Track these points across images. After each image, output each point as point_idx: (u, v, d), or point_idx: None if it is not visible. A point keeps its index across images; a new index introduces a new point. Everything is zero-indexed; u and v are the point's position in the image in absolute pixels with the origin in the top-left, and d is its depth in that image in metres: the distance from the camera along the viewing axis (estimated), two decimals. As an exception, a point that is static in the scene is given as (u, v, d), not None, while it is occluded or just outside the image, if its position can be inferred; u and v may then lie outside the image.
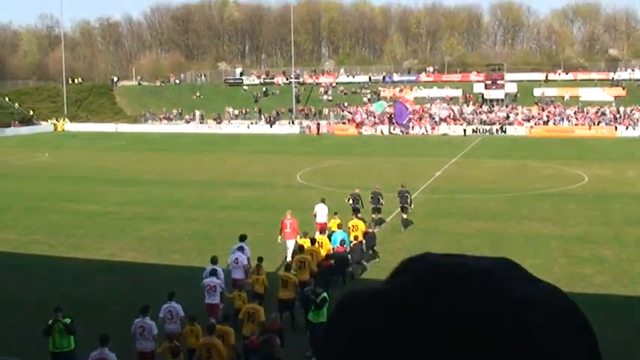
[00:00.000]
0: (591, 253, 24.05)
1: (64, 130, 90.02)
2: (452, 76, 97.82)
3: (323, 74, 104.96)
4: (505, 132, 77.42)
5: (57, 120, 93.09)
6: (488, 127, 78.58)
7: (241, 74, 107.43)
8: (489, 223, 29.07)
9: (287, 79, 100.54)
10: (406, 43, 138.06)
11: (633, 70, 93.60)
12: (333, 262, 20.08)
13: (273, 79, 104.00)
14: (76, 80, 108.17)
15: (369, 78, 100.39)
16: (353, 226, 23.18)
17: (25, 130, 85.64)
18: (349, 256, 21.39)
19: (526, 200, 34.36)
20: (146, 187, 39.64)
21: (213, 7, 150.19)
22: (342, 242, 21.08)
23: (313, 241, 20.59)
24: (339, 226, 22.49)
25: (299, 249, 19.83)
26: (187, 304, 18.48)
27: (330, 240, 21.60)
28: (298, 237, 21.85)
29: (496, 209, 32.12)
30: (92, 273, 22.24)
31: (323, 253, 20.11)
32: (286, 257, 22.21)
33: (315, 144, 67.11)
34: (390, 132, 79.07)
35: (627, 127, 75.11)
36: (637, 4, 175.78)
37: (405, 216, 28.12)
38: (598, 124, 77.07)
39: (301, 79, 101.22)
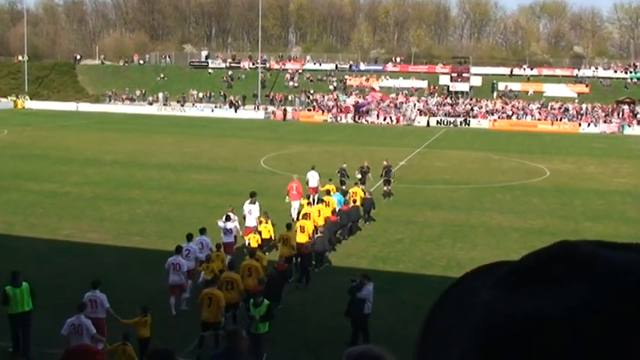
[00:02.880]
0: (551, 247, 24.25)
1: (24, 107, 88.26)
2: (418, 67, 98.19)
3: (290, 60, 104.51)
4: (469, 124, 77.95)
5: (17, 97, 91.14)
6: (452, 119, 79.07)
7: (207, 57, 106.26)
8: (452, 213, 29.21)
9: (253, 64, 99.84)
10: (374, 33, 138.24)
11: (597, 68, 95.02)
12: (339, 218, 23.42)
13: (239, 63, 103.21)
14: (20, 57, 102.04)
15: (336, 66, 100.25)
16: (353, 192, 26.64)
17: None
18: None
19: (488, 192, 34.62)
20: (107, 167, 39.05)
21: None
22: (347, 202, 25.36)
23: (321, 200, 25.14)
24: (337, 189, 27.38)
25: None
26: (147, 287, 18.27)
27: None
28: (302, 199, 26.04)
29: (459, 200, 32.31)
30: (51, 253, 21.83)
31: (329, 210, 23.54)
32: (291, 215, 25.75)
33: (280, 130, 66.75)
34: (355, 120, 79.12)
35: (589, 124, 76.16)
36: (602, 3, 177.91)
37: (387, 188, 31.52)
38: (561, 120, 78.03)
39: (267, 65, 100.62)
